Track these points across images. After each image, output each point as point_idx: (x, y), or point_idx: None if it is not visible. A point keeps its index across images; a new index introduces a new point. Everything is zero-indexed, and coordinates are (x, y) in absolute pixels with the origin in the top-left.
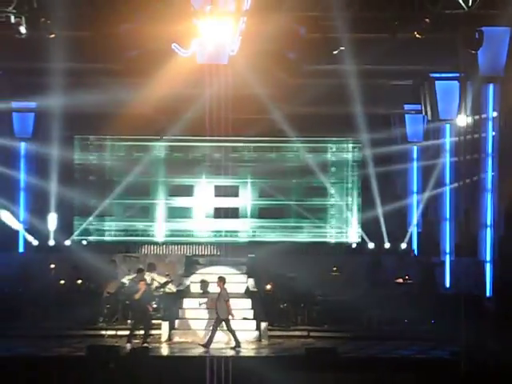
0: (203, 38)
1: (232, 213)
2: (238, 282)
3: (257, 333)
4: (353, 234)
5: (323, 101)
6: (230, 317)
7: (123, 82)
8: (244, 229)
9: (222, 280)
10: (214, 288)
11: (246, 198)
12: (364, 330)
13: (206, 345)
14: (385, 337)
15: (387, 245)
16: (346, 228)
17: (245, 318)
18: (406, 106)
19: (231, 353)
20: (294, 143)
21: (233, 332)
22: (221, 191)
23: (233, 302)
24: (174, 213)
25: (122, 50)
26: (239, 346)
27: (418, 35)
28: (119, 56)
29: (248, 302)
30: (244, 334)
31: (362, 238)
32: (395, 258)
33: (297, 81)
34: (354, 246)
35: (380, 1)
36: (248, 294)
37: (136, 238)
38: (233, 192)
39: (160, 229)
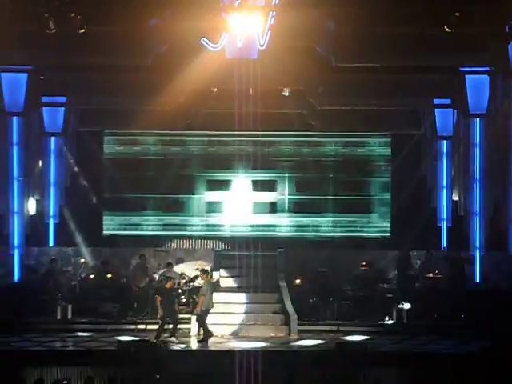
0: (232, 32)
1: (268, 207)
2: (268, 276)
3: (286, 327)
4: (384, 229)
5: (353, 96)
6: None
7: (153, 76)
8: (280, 223)
9: (204, 272)
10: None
11: (283, 193)
12: (394, 325)
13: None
14: (415, 332)
15: (417, 239)
16: (379, 223)
17: (274, 313)
18: (436, 101)
19: (260, 347)
20: (326, 138)
21: (204, 326)
22: (257, 186)
23: (262, 297)
24: (209, 207)
25: (150, 46)
26: (205, 340)
27: (447, 29)
28: (148, 51)
29: (278, 297)
30: (273, 328)
31: (392, 233)
32: (425, 253)
33: (327, 76)
34: (384, 240)
35: None
36: (278, 288)
37: (166, 233)
38: (269, 186)
39: (194, 223)
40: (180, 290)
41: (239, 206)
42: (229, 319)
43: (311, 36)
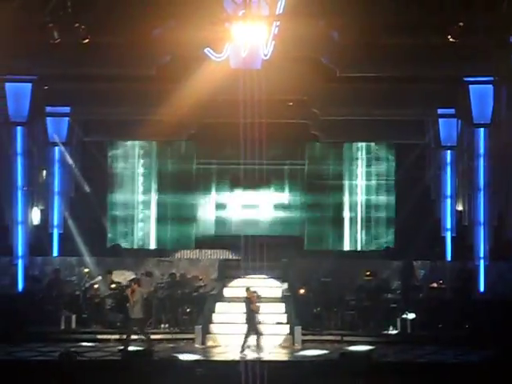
0: (236, 42)
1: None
2: (272, 286)
3: (290, 337)
4: (388, 239)
5: (357, 105)
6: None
7: (157, 86)
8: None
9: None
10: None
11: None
12: (398, 335)
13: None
14: (419, 341)
15: (421, 249)
16: (380, 232)
17: (278, 323)
18: (440, 111)
19: (264, 357)
20: (329, 148)
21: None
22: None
23: (266, 306)
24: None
25: (154, 56)
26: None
27: (451, 39)
28: (152, 61)
29: (281, 307)
30: (277, 338)
31: (396, 243)
32: (429, 263)
33: (330, 85)
34: (387, 250)
35: (413, 5)
36: (281, 298)
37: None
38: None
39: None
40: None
41: (243, 216)
42: (232, 329)
43: (315, 46)
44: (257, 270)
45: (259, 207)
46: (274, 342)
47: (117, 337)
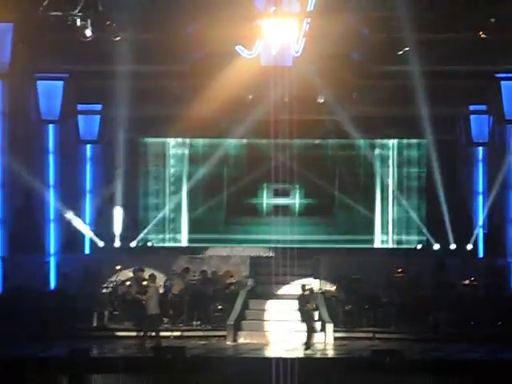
0: (267, 39)
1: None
2: (303, 283)
3: (322, 334)
4: (417, 236)
5: (388, 102)
6: None
7: (187, 83)
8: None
9: (151, 277)
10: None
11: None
12: (430, 332)
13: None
14: (451, 339)
15: (452, 246)
16: (411, 229)
17: None
18: (472, 107)
19: (296, 354)
20: (359, 144)
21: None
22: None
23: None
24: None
25: (186, 52)
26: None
27: (483, 35)
28: (184, 58)
29: (313, 304)
30: None
31: (427, 240)
32: (461, 260)
33: (362, 82)
34: (418, 247)
35: (445, 1)
36: (313, 295)
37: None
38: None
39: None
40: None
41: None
42: (264, 326)
43: (346, 42)
44: (288, 267)
45: (290, 205)
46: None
47: (149, 333)
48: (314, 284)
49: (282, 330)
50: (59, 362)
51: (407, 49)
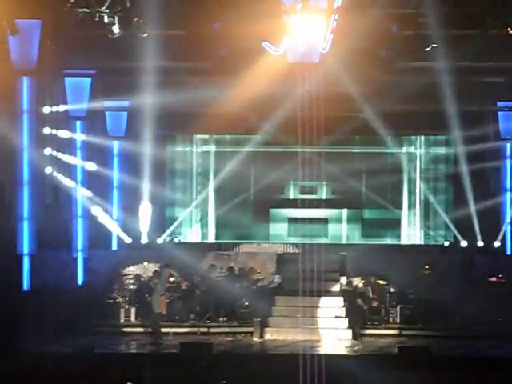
0: (294, 35)
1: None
2: (330, 280)
3: (349, 331)
4: (444, 232)
5: (416, 98)
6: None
7: (214, 80)
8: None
9: (155, 274)
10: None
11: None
12: (457, 329)
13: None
14: (478, 336)
15: (480, 243)
16: (438, 226)
17: (337, 317)
18: (500, 103)
19: (323, 351)
20: (386, 141)
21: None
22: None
23: (325, 301)
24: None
25: (213, 49)
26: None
27: (510, 31)
28: (210, 54)
29: (340, 301)
30: (336, 332)
31: (455, 236)
32: (488, 257)
33: (389, 78)
34: (446, 244)
35: None
36: (340, 292)
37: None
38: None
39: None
40: None
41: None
42: (291, 323)
43: (374, 38)
44: (314, 263)
45: (316, 201)
46: (333, 335)
47: (176, 330)
48: (342, 280)
49: (309, 326)
50: (85, 358)
51: (434, 45)
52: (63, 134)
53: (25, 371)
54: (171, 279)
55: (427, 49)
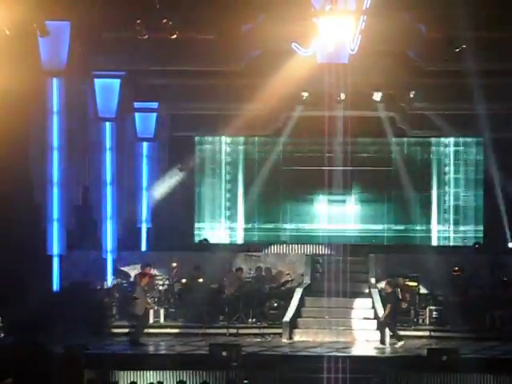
0: (323, 37)
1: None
2: (359, 281)
3: (378, 332)
4: (475, 234)
5: (444, 100)
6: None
7: (244, 82)
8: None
9: (140, 275)
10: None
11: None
12: (487, 331)
13: None
14: (508, 337)
15: (511, 244)
16: (469, 228)
17: (365, 318)
18: None
19: (352, 352)
20: (415, 142)
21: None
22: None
23: (354, 302)
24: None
25: (243, 51)
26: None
27: None
28: (240, 57)
29: (369, 302)
30: (365, 333)
31: (484, 237)
32: None
33: (417, 80)
34: (475, 245)
35: None
36: (368, 293)
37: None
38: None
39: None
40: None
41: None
42: (320, 324)
43: (402, 40)
44: (344, 265)
45: (345, 202)
46: (362, 337)
47: (204, 331)
48: (371, 281)
49: (338, 327)
50: (116, 358)
51: (464, 47)
52: (93, 135)
53: (54, 371)
54: (200, 280)
55: (456, 50)
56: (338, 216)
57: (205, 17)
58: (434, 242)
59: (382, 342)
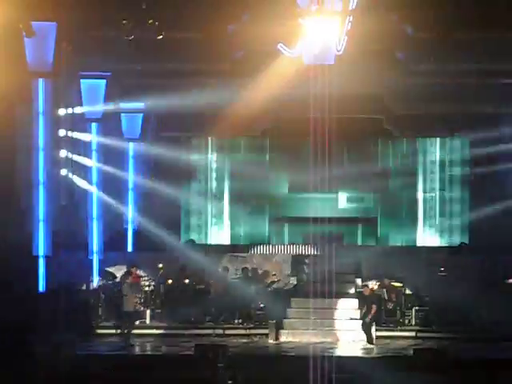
0: (309, 37)
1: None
2: (345, 281)
3: (364, 333)
4: (460, 234)
5: (431, 100)
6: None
7: (229, 82)
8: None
9: (129, 273)
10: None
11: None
12: (473, 331)
13: None
14: (494, 338)
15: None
16: (454, 228)
17: (352, 318)
18: None
19: (337, 352)
20: (401, 142)
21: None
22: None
23: (340, 302)
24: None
25: (228, 51)
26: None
27: None
28: (226, 57)
29: (355, 302)
30: (351, 334)
31: (470, 237)
32: (504, 258)
33: (404, 80)
34: (460, 245)
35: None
36: (355, 293)
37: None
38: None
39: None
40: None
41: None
42: (306, 324)
43: (389, 40)
44: (330, 266)
45: (332, 201)
46: (348, 337)
47: (190, 332)
48: (357, 282)
49: (324, 328)
50: (103, 359)
51: (450, 47)
52: (79, 135)
53: (39, 371)
54: (186, 281)
55: (442, 51)
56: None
57: (190, 17)
58: (420, 242)
59: (370, 341)
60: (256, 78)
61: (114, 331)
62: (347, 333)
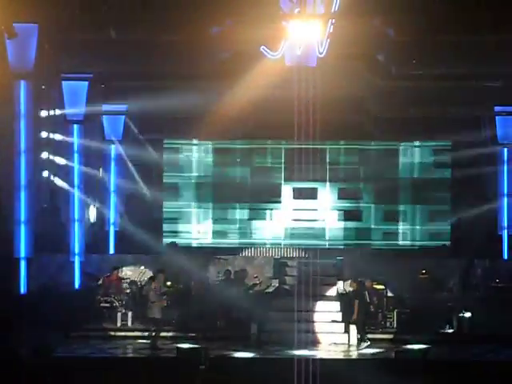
0: (292, 40)
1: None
2: (328, 284)
3: (345, 335)
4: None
5: (412, 103)
6: None
7: (212, 84)
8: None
9: (150, 279)
10: None
11: (328, 201)
12: (454, 334)
13: None
14: (476, 340)
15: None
16: (436, 230)
17: (333, 321)
18: (497, 108)
19: (319, 355)
20: (382, 145)
21: None
22: (301, 194)
23: (322, 305)
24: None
25: (211, 53)
26: None
27: (507, 36)
28: (209, 59)
29: (337, 305)
30: (333, 336)
31: (451, 241)
32: (486, 261)
33: (386, 83)
34: (443, 248)
35: (469, 2)
36: (336, 296)
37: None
38: (312, 194)
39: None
40: None
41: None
42: (288, 327)
43: (371, 43)
44: (312, 268)
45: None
46: (329, 340)
47: (172, 334)
48: (339, 284)
49: (307, 330)
50: (81, 362)
51: (431, 51)
52: (60, 137)
53: (21, 374)
54: (168, 284)
55: (424, 54)
56: (309, 216)
57: (174, 19)
58: (402, 243)
59: (357, 342)
60: (239, 80)
61: (95, 333)
62: (328, 335)
